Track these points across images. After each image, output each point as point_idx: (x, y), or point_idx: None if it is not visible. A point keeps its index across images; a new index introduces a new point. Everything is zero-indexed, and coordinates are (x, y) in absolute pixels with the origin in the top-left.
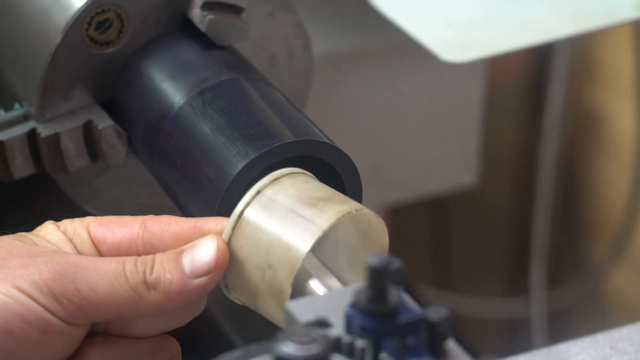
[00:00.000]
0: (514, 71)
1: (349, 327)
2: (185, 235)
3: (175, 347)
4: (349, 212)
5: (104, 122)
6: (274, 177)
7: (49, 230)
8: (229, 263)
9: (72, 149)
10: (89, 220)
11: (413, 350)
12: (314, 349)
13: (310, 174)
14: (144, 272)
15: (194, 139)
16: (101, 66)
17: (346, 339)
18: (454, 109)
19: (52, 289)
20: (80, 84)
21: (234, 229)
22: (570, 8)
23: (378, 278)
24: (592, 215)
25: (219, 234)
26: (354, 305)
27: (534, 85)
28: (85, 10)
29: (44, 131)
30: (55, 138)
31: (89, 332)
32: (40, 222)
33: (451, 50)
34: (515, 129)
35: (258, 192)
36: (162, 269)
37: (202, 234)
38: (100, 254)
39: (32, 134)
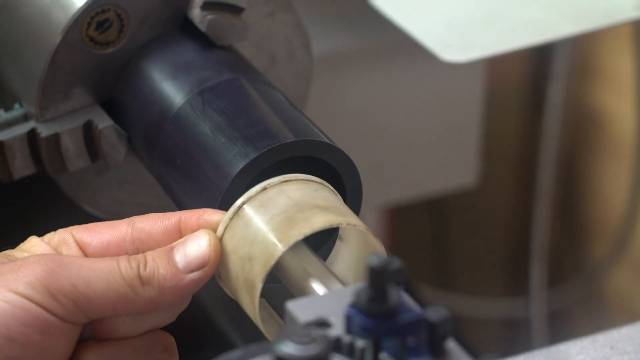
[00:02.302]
0: (514, 71)
1: (349, 327)
2: (172, 229)
3: (168, 339)
4: (339, 223)
5: (104, 122)
6: (285, 179)
7: (33, 244)
8: (223, 251)
9: (72, 149)
10: (74, 227)
11: (413, 350)
12: (314, 349)
13: (328, 185)
14: (138, 268)
15: (194, 139)
16: (101, 66)
17: (346, 339)
18: (454, 109)
19: (48, 287)
20: (80, 84)
21: (231, 219)
22: (570, 8)
23: (378, 278)
24: (592, 215)
25: (210, 227)
26: (354, 305)
27: (534, 85)
28: (85, 10)
29: (44, 131)
30: (55, 138)
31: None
32: (40, 222)
33: (451, 50)
34: (515, 129)
35: (264, 189)
36: (155, 265)
37: (190, 228)
38: (87, 257)
39: (32, 134)
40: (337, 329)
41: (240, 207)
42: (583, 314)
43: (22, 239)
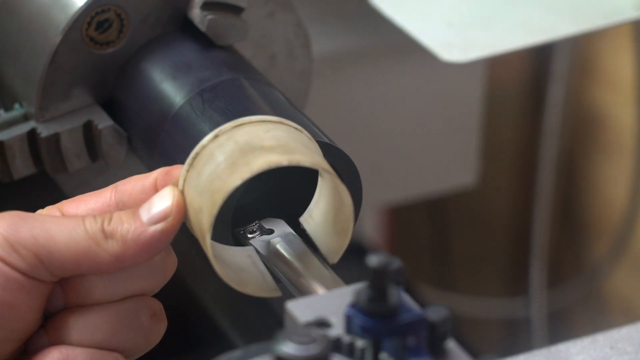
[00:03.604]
0: (514, 71)
1: (349, 327)
2: (149, 188)
3: (156, 304)
4: (279, 163)
5: (104, 122)
6: (238, 123)
7: None
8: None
9: (72, 149)
10: (62, 202)
11: (413, 350)
12: (314, 349)
13: (289, 124)
14: (102, 223)
15: (194, 138)
16: (101, 66)
17: (346, 339)
18: (454, 109)
19: (7, 239)
20: (80, 84)
21: (187, 171)
22: (570, 8)
23: (378, 278)
24: (592, 215)
25: (176, 183)
26: (354, 305)
27: (534, 85)
28: (85, 10)
29: (44, 131)
30: (55, 138)
31: (53, 308)
32: None
33: (451, 50)
34: (515, 129)
35: (215, 137)
36: (120, 220)
37: (163, 185)
38: None
39: (32, 134)
40: (337, 329)
41: (194, 157)
42: (583, 314)
43: None
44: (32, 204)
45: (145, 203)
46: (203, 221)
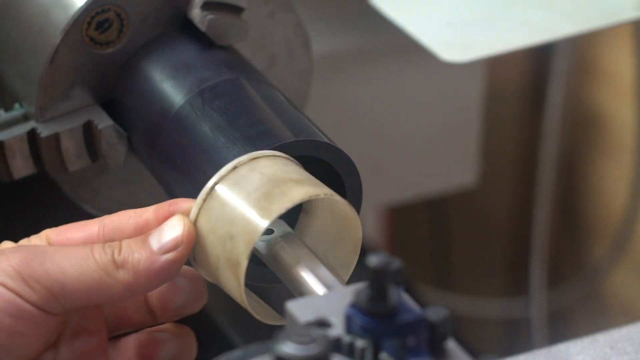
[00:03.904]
0: (514, 71)
1: (349, 327)
2: (143, 224)
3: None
4: (317, 195)
5: (104, 122)
6: (254, 156)
7: (5, 246)
8: (196, 237)
9: (72, 149)
10: (46, 231)
11: (413, 350)
12: (314, 349)
13: (292, 159)
14: (112, 253)
15: (194, 138)
16: (101, 66)
17: (346, 339)
18: (454, 109)
19: (20, 273)
20: (80, 84)
21: (205, 200)
22: (570, 8)
23: (378, 278)
24: (592, 215)
25: (184, 213)
26: (354, 305)
27: (534, 85)
28: (85, 10)
29: (44, 131)
30: (55, 138)
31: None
32: (40, 222)
33: (451, 50)
34: (515, 129)
35: (234, 168)
36: (130, 250)
37: (164, 217)
38: None
39: (32, 134)
40: (337, 329)
41: (212, 187)
42: (583, 314)
43: (22, 238)
44: (32, 204)
45: (154, 230)
46: (237, 249)
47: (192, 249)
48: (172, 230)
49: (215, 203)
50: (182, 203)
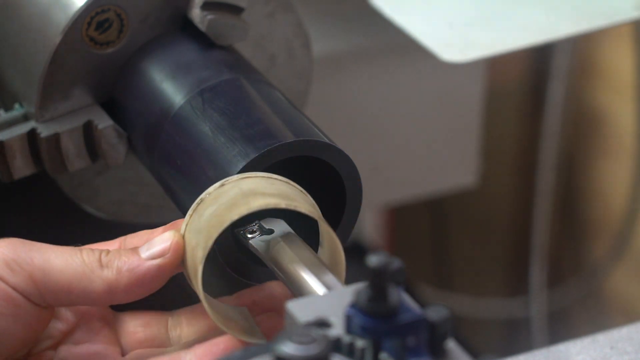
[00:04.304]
0: (514, 71)
1: (349, 327)
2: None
3: None
4: (277, 204)
5: (104, 122)
6: (245, 176)
7: None
8: (184, 251)
9: (72, 149)
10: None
11: (413, 350)
12: (314, 349)
13: (286, 180)
14: (99, 254)
15: (194, 138)
16: (101, 66)
17: (346, 339)
18: (454, 109)
19: (4, 257)
20: (80, 84)
21: (191, 215)
22: (570, 8)
23: (378, 278)
24: (592, 215)
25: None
26: (354, 305)
27: (534, 85)
28: (85, 10)
29: (44, 131)
30: (55, 138)
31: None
32: (40, 222)
33: (451, 50)
34: (515, 129)
35: (222, 185)
36: (118, 254)
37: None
38: None
39: (32, 134)
40: (337, 329)
41: (198, 203)
42: (583, 314)
43: (22, 238)
44: (32, 204)
45: (146, 243)
46: (197, 255)
47: (186, 266)
48: (162, 241)
49: (195, 216)
50: (182, 222)
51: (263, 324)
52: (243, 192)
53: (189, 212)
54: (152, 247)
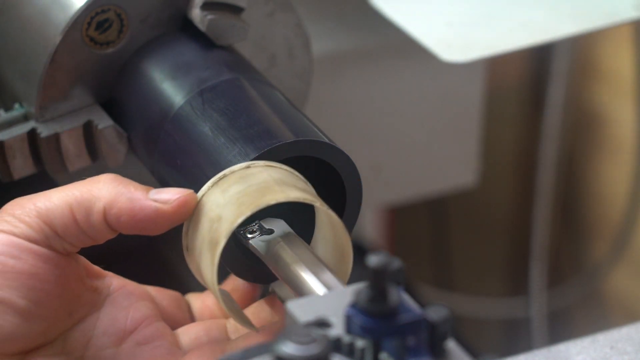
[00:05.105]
0: (514, 71)
1: (349, 327)
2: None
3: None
4: (312, 201)
5: (104, 122)
6: (269, 164)
7: None
8: (195, 218)
9: (72, 149)
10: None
11: (413, 350)
12: (314, 349)
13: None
14: None
15: (194, 139)
16: (101, 66)
17: (346, 339)
18: (454, 109)
19: (12, 212)
20: (80, 84)
21: (210, 187)
22: (570, 8)
23: (378, 278)
24: (592, 215)
25: None
26: (354, 305)
27: (534, 85)
28: (85, 10)
29: (44, 131)
30: (55, 138)
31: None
32: None
33: (451, 50)
34: (515, 129)
35: (248, 167)
36: (128, 186)
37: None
38: None
39: (32, 134)
40: (337, 329)
41: (221, 177)
42: (583, 314)
43: None
44: None
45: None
46: (220, 229)
47: (187, 236)
48: (173, 192)
49: (217, 190)
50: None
51: None
52: (274, 180)
53: (208, 184)
54: (161, 192)
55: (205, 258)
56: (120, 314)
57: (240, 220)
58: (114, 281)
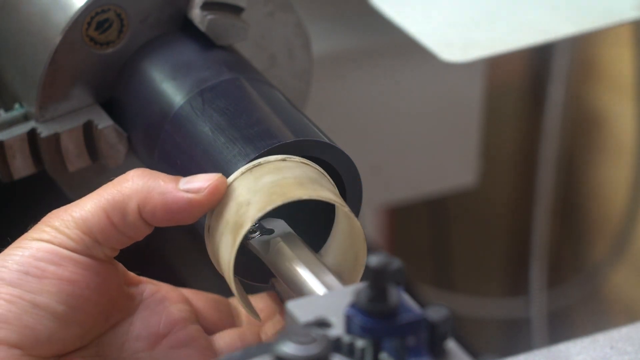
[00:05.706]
0: (514, 71)
1: (349, 327)
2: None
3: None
4: (342, 204)
5: (104, 122)
6: (305, 161)
7: None
8: (222, 201)
9: (72, 149)
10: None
11: (413, 350)
12: (314, 349)
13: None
14: None
15: (194, 139)
16: (101, 66)
17: (346, 339)
18: (454, 109)
19: (51, 224)
20: (80, 84)
21: (243, 173)
22: (570, 8)
23: (378, 278)
24: (592, 215)
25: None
26: (354, 305)
27: (534, 85)
28: (85, 10)
29: (44, 131)
30: (55, 138)
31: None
32: None
33: (451, 50)
34: (515, 129)
35: (284, 160)
36: (156, 178)
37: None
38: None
39: (32, 134)
40: (337, 329)
41: (256, 165)
42: (583, 314)
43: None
44: (32, 204)
45: (190, 177)
46: (248, 213)
47: (211, 216)
48: (203, 179)
49: (250, 176)
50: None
51: None
52: (309, 177)
53: (241, 169)
54: (191, 181)
55: (226, 239)
56: (153, 319)
57: (269, 208)
58: (148, 286)
